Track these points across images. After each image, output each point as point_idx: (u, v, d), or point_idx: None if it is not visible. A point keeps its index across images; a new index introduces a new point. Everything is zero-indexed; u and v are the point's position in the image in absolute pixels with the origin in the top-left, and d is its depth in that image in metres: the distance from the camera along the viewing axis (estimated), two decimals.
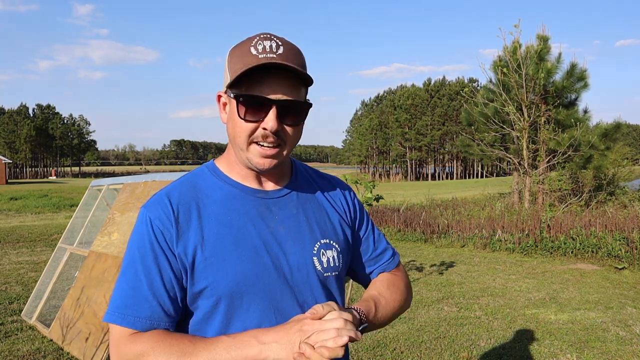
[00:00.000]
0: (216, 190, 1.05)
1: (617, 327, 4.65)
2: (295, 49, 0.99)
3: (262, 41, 0.96)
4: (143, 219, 1.00)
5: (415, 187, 36.61)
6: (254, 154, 1.00)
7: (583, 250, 7.96)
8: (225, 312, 0.98)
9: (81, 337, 3.89)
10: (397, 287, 1.20)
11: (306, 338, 0.88)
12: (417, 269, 7.37)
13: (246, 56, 0.95)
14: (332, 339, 0.86)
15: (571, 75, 12.32)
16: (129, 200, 4.60)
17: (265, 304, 0.99)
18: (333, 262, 1.08)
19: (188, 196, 1.02)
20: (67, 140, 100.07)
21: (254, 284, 0.98)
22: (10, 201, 20.86)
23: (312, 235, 1.07)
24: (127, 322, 0.94)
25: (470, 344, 4.30)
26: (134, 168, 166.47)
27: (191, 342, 0.92)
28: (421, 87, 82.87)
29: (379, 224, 11.29)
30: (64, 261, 5.00)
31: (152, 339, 0.93)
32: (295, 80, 0.97)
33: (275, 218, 1.05)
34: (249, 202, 1.04)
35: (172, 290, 0.97)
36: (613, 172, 14.14)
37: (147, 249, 0.97)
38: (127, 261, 0.99)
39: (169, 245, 0.97)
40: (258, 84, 0.95)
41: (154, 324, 0.95)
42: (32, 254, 8.97)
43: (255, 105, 0.96)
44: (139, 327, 0.94)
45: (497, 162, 15.11)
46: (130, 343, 0.93)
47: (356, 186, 5.68)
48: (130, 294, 0.96)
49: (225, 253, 0.98)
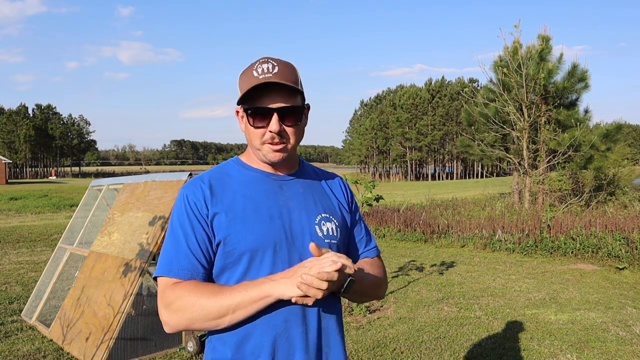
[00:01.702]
0: (240, 175, 1.33)
1: (617, 327, 4.64)
2: (288, 66, 1.26)
3: (261, 65, 1.23)
4: (181, 196, 1.29)
5: (415, 187, 36.60)
6: (267, 151, 1.28)
7: (583, 251, 7.96)
8: (246, 263, 1.22)
9: (81, 337, 3.89)
10: (378, 269, 1.44)
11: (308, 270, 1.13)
12: (417, 269, 7.37)
13: (250, 78, 1.23)
14: (328, 265, 1.11)
15: (572, 76, 12.31)
16: (129, 200, 4.60)
17: (277, 259, 1.23)
18: (332, 232, 1.33)
19: (217, 178, 1.31)
20: (67, 140, 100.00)
21: (268, 242, 1.23)
22: (10, 201, 20.85)
23: (315, 209, 1.33)
24: (172, 272, 1.21)
25: (470, 344, 4.30)
26: (134, 168, 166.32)
27: (219, 286, 1.20)
28: (422, 87, 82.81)
29: (379, 224, 11.29)
30: (64, 261, 5.00)
31: (188, 285, 1.19)
32: (290, 90, 1.24)
33: (285, 195, 1.32)
34: (265, 182, 1.32)
35: (205, 248, 1.23)
36: (613, 173, 14.14)
37: (184, 217, 1.25)
38: (170, 229, 1.26)
39: (201, 212, 1.24)
40: (261, 98, 1.23)
41: (193, 274, 1.21)
42: (32, 254, 8.97)
43: (261, 114, 1.24)
44: (181, 276, 1.20)
45: (497, 162, 15.09)
46: (172, 289, 1.19)
47: (356, 186, 5.68)
48: (173, 252, 1.23)
49: (247, 217, 1.24)
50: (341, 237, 1.36)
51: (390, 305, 5.51)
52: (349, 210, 1.44)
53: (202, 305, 1.15)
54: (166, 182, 4.31)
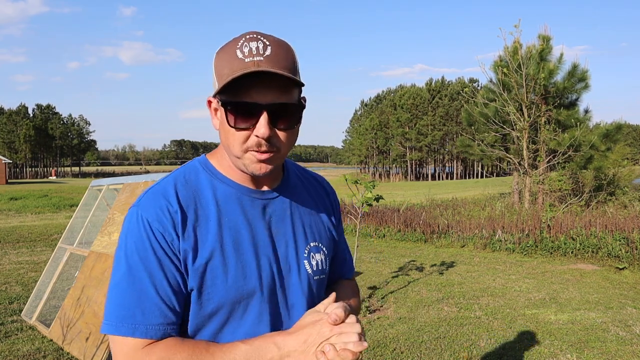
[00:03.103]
0: (213, 190, 1.00)
1: (617, 327, 4.64)
2: (284, 47, 0.93)
3: (248, 42, 0.90)
4: (138, 220, 0.93)
5: (415, 187, 36.61)
6: (249, 160, 0.95)
7: (583, 251, 7.96)
8: (225, 314, 0.97)
9: (81, 337, 3.89)
10: (358, 297, 1.24)
11: (325, 340, 0.88)
12: (417, 269, 7.37)
13: (233, 60, 0.89)
14: (353, 343, 0.87)
15: (572, 76, 12.32)
16: (129, 200, 4.60)
17: (262, 307, 0.99)
18: (321, 265, 1.09)
19: (186, 196, 0.97)
20: (67, 140, 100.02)
21: (253, 288, 0.98)
22: (10, 201, 20.85)
23: (303, 238, 1.08)
24: (140, 332, 0.89)
25: (470, 344, 4.30)
26: (134, 168, 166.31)
27: (207, 350, 0.90)
28: (423, 87, 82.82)
29: (379, 224, 11.29)
30: (64, 261, 5.00)
31: (168, 348, 0.89)
32: (286, 81, 0.91)
33: (271, 220, 1.03)
34: (247, 203, 1.02)
35: (180, 293, 0.94)
36: (613, 173, 14.14)
37: (149, 251, 0.92)
38: (126, 267, 0.92)
39: (171, 246, 0.93)
40: (246, 88, 0.90)
41: (167, 330, 0.91)
42: (32, 254, 8.97)
43: (245, 112, 0.91)
44: (153, 335, 0.90)
45: (497, 162, 15.10)
46: (145, 355, 0.88)
47: (356, 186, 5.68)
48: (135, 302, 0.90)
49: (227, 257, 0.96)
50: (328, 268, 1.14)
51: (390, 305, 5.51)
52: (335, 224, 1.19)
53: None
54: None
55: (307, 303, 1.05)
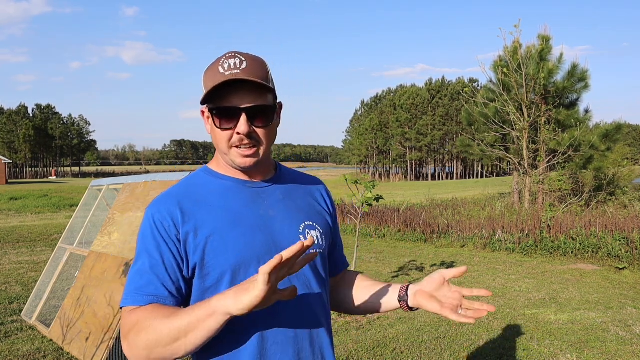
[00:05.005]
0: (211, 185, 1.20)
1: (617, 327, 4.64)
2: (258, 61, 1.13)
3: (227, 60, 1.10)
4: (146, 216, 1.14)
5: (415, 187, 36.61)
6: (235, 156, 1.15)
7: (583, 251, 7.96)
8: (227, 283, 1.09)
9: (81, 337, 3.89)
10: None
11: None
12: (417, 269, 7.37)
13: (215, 75, 1.10)
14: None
15: (572, 76, 12.33)
16: (129, 200, 4.60)
17: None
18: (317, 240, 1.22)
19: (185, 193, 1.17)
20: (67, 140, 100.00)
21: (251, 257, 1.11)
22: (10, 201, 20.86)
23: (298, 216, 1.22)
24: (131, 300, 1.07)
25: (470, 344, 4.30)
26: (134, 168, 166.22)
27: (174, 308, 1.05)
28: (422, 87, 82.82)
29: (379, 224, 11.29)
30: (64, 261, 5.00)
31: (146, 309, 1.05)
32: (260, 88, 1.11)
33: (265, 203, 1.20)
34: (241, 191, 1.19)
35: (174, 274, 1.09)
36: (613, 173, 14.15)
37: (150, 239, 1.11)
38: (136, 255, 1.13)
39: (169, 234, 1.10)
40: (227, 96, 1.10)
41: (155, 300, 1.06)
42: (32, 254, 8.97)
43: (228, 115, 1.11)
44: (141, 302, 1.06)
45: (497, 162, 15.11)
46: (129, 315, 1.05)
47: (356, 186, 5.69)
48: (137, 280, 1.09)
49: (224, 232, 1.12)
50: (326, 246, 1.26)
51: None
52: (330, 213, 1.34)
53: (155, 328, 0.99)
54: (166, 182, 4.31)
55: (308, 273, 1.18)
